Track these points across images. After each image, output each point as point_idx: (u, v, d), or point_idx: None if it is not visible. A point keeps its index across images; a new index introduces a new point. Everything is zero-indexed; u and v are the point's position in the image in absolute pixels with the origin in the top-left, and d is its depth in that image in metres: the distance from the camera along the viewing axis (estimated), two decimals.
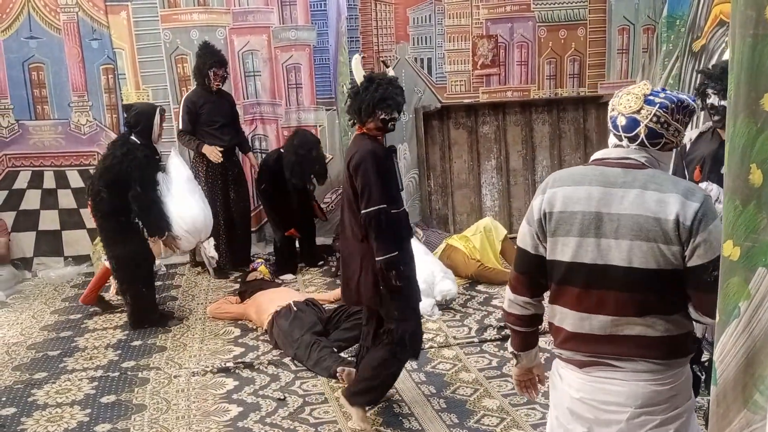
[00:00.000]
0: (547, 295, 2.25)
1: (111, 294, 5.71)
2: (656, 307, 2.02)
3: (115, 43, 6.39)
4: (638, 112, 2.04)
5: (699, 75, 3.34)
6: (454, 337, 4.76)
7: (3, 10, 6.26)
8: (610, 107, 2.14)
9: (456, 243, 5.96)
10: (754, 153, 1.52)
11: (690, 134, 3.42)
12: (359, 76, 3.74)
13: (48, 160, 6.55)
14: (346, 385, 4.04)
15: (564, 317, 2.14)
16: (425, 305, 5.03)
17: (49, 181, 6.56)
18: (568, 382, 2.17)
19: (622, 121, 2.07)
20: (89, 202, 5.26)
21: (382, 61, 4.74)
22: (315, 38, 6.75)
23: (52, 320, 5.43)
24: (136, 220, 5.03)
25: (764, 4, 1.49)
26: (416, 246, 5.30)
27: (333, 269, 6.23)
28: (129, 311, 5.19)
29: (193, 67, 6.15)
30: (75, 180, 6.58)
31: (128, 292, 5.16)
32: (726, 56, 3.50)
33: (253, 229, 6.74)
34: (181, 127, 6.08)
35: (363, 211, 3.49)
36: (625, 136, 2.07)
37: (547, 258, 2.14)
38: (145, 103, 5.91)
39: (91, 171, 6.54)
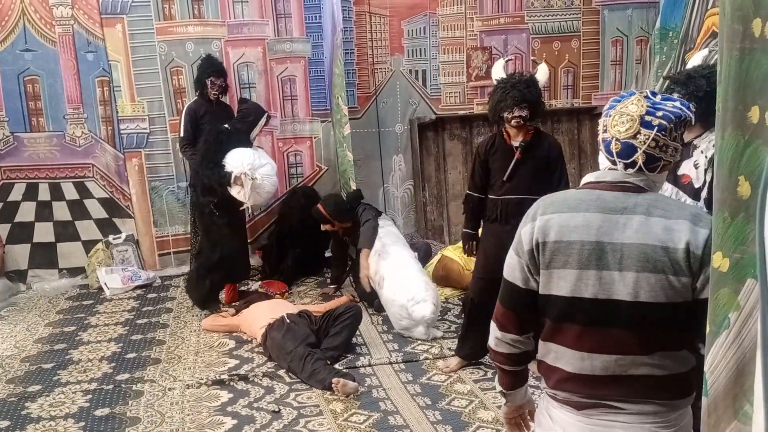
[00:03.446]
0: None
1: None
2: (664, 343, 1.85)
3: (110, 55, 6.40)
4: (634, 137, 1.84)
5: (664, 80, 3.45)
6: (449, 349, 4.76)
7: None
8: (601, 126, 1.93)
9: (451, 254, 5.96)
10: (742, 165, 1.53)
11: None
12: (494, 79, 4.23)
13: (43, 172, 6.55)
14: (342, 396, 4.07)
15: (560, 356, 1.94)
16: (419, 332, 4.92)
17: (43, 194, 6.56)
18: (561, 425, 1.98)
19: (617, 147, 1.87)
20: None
21: (533, 60, 5.02)
22: (310, 50, 6.78)
23: (46, 333, 5.42)
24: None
25: (750, 18, 1.50)
26: (409, 263, 5.28)
27: (327, 282, 6.24)
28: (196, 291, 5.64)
29: (196, 77, 6.16)
30: (70, 192, 6.58)
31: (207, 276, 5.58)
32: (689, 65, 3.60)
33: (249, 240, 6.73)
34: (182, 134, 6.06)
35: None
36: (621, 162, 1.88)
37: (540, 292, 1.93)
38: (258, 104, 6.26)
39: (86, 183, 6.60)
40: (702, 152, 3.28)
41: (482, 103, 7.10)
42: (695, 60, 3.73)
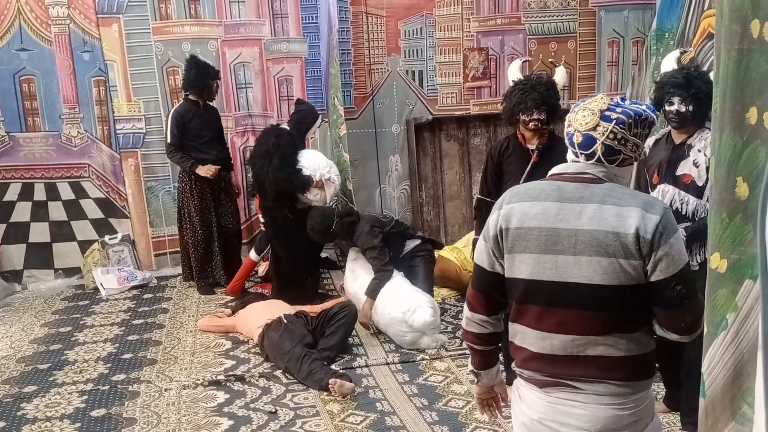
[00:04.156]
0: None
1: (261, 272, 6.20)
2: (618, 325, 1.96)
3: (106, 55, 6.38)
4: (594, 129, 1.98)
5: (660, 84, 3.48)
6: (446, 349, 4.76)
7: None
8: (566, 122, 2.07)
9: (448, 255, 5.96)
10: (740, 166, 1.54)
11: (648, 141, 3.52)
12: (511, 80, 4.12)
13: (39, 172, 6.53)
14: (339, 397, 4.07)
15: (525, 336, 2.08)
16: (426, 342, 4.78)
17: (39, 194, 6.53)
18: (527, 402, 2.11)
19: (578, 138, 2.01)
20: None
21: (551, 61, 4.97)
22: (307, 50, 6.77)
23: (41, 333, 5.40)
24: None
25: (749, 19, 1.51)
26: (396, 282, 5.05)
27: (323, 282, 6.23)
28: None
29: (187, 79, 6.02)
30: (66, 192, 6.56)
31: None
32: (664, 67, 3.62)
33: (244, 241, 6.71)
34: (168, 140, 5.98)
35: None
36: (582, 153, 2.01)
37: (506, 276, 2.08)
38: (313, 106, 6.33)
39: (82, 183, 6.58)
40: (699, 151, 3.30)
41: (479, 103, 7.11)
42: (668, 61, 3.74)
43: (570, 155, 2.08)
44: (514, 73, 4.21)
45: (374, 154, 7.07)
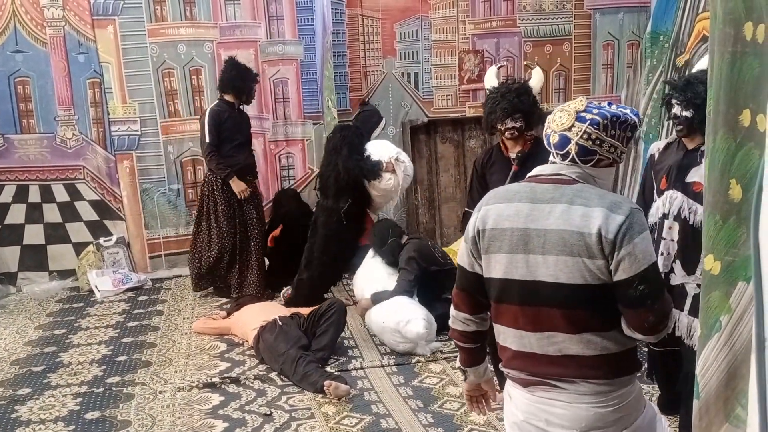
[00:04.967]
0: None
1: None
2: (590, 323, 1.98)
3: (101, 57, 6.38)
4: (569, 129, 2.01)
5: (664, 85, 3.44)
6: (441, 352, 4.76)
7: None
8: (546, 124, 2.11)
9: None
10: (734, 168, 1.54)
11: (659, 144, 3.50)
12: (486, 88, 4.06)
13: (33, 174, 6.52)
14: (334, 399, 4.06)
15: (506, 336, 2.13)
16: (422, 350, 4.74)
17: (34, 195, 6.52)
18: (515, 402, 2.15)
19: (554, 139, 2.05)
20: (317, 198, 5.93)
21: (526, 64, 4.96)
22: (302, 53, 6.77)
23: (36, 335, 5.38)
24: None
25: (742, 22, 1.51)
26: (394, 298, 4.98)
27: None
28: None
29: (228, 80, 5.81)
30: (60, 194, 6.55)
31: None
32: (696, 69, 3.58)
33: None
34: (208, 140, 5.77)
35: None
36: (558, 153, 2.05)
37: (484, 276, 2.13)
38: (376, 108, 6.55)
39: (76, 185, 6.57)
40: None
41: (474, 106, 7.11)
42: (701, 65, 3.65)
43: (550, 157, 2.10)
44: (489, 80, 4.10)
45: None
